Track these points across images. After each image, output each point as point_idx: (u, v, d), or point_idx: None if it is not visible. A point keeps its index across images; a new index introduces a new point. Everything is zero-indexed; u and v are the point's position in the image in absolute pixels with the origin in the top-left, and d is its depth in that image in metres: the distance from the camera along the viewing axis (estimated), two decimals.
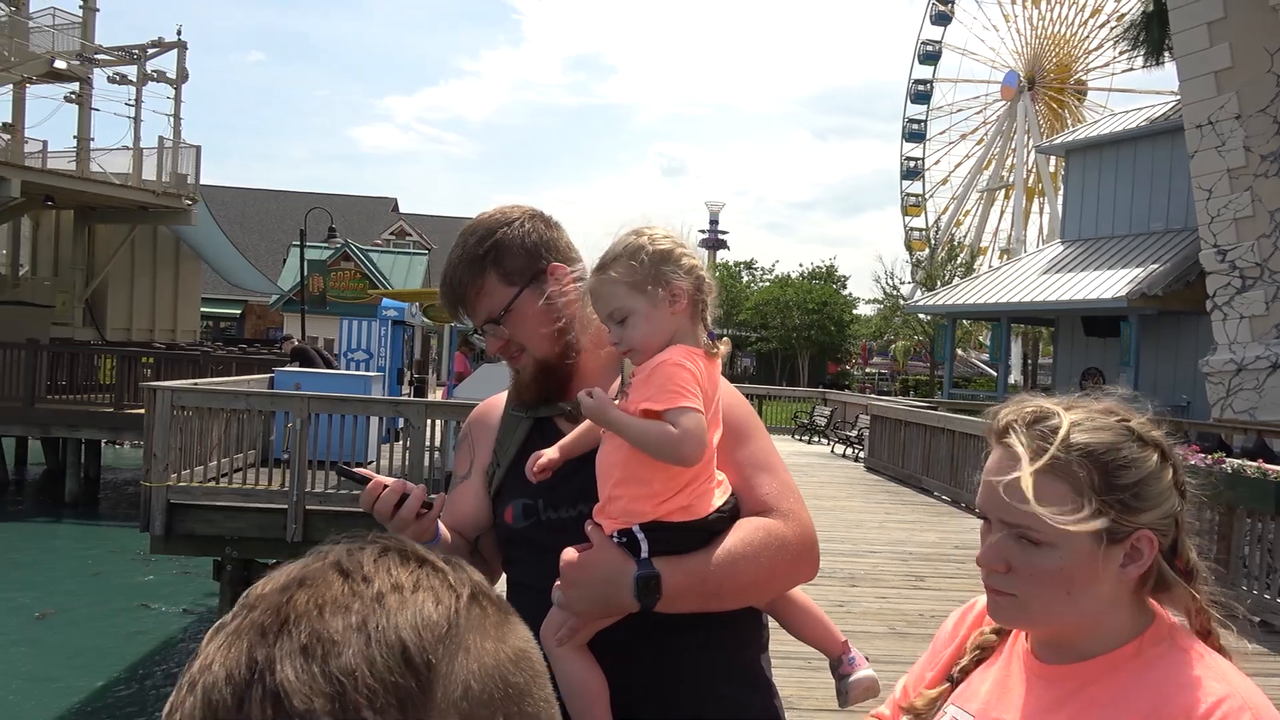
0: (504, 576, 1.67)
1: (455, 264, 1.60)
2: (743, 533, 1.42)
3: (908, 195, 52.06)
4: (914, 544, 9.18)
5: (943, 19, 48.59)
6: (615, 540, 1.38)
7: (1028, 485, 0.99)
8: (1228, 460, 7.34)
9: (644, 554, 1.37)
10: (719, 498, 1.43)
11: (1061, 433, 1.01)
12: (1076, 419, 1.03)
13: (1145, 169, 23.08)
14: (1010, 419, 1.05)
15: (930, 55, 49.39)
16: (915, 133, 50.90)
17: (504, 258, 1.58)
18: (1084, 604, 1.02)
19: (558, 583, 1.42)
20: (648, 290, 1.41)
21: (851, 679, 1.64)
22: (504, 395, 1.73)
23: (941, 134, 51.58)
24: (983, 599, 1.19)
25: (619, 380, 1.52)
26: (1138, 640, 1.04)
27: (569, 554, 1.40)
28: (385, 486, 1.48)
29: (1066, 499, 0.99)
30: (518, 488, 1.57)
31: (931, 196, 52.18)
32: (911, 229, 52.16)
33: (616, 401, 1.42)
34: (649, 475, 1.38)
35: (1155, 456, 1.03)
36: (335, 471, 1.51)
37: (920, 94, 50.34)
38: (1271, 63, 15.54)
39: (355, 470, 1.56)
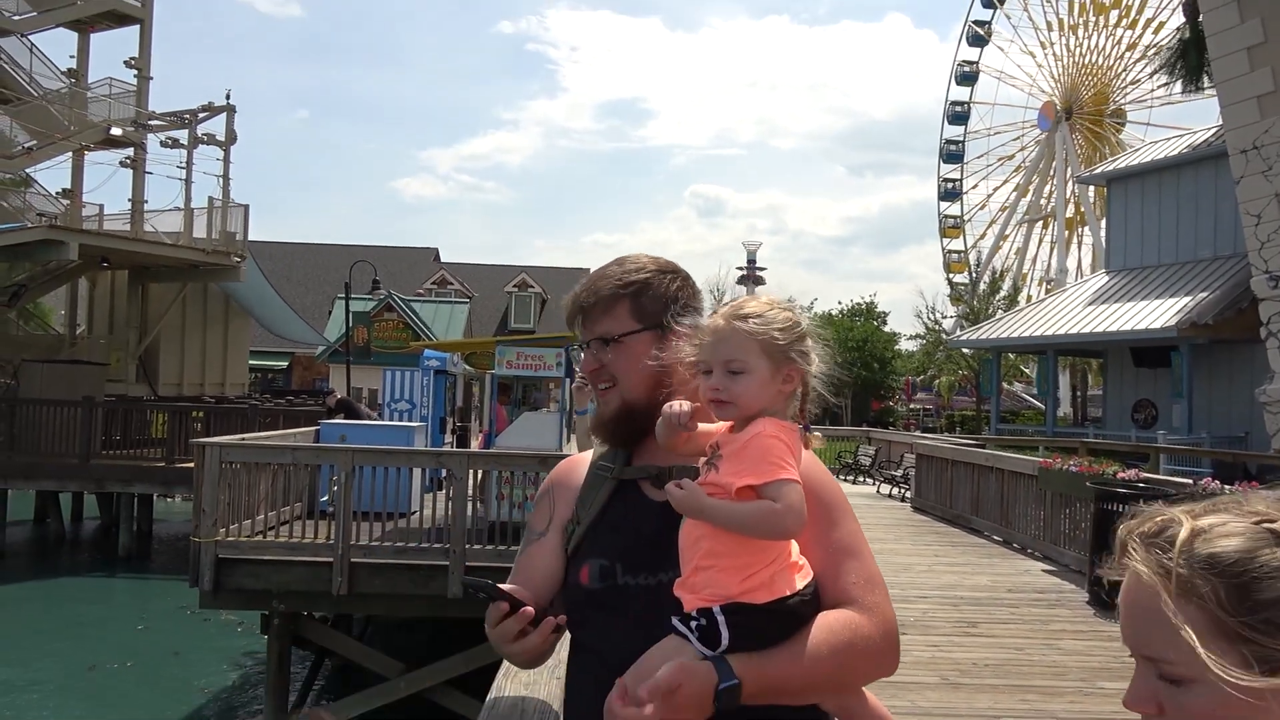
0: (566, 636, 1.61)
1: (598, 279, 1.63)
2: (827, 629, 1.36)
3: (946, 217, 51.73)
4: (965, 588, 8.96)
5: (979, 40, 48.52)
6: (694, 620, 1.32)
7: (1145, 612, 0.86)
8: None
9: (724, 644, 1.31)
10: (800, 580, 1.37)
11: (1179, 542, 0.86)
12: (1203, 525, 0.87)
13: (1189, 196, 22.70)
14: (1126, 534, 0.92)
15: (967, 76, 49.29)
16: (953, 154, 50.73)
17: (644, 297, 1.61)
18: None
19: (626, 684, 1.32)
20: (774, 359, 1.42)
21: None
22: (589, 453, 1.73)
23: (980, 157, 51.35)
24: None
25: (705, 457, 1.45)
26: None
27: (651, 682, 1.28)
28: (506, 612, 1.41)
29: (1196, 623, 0.83)
30: (596, 548, 1.55)
31: (970, 220, 51.84)
32: (950, 251, 51.74)
33: (704, 471, 1.40)
34: (737, 548, 1.34)
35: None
36: (467, 586, 1.45)
37: (958, 114, 50.18)
38: None
39: (487, 585, 1.42)
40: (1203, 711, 0.83)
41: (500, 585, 1.44)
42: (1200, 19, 17.92)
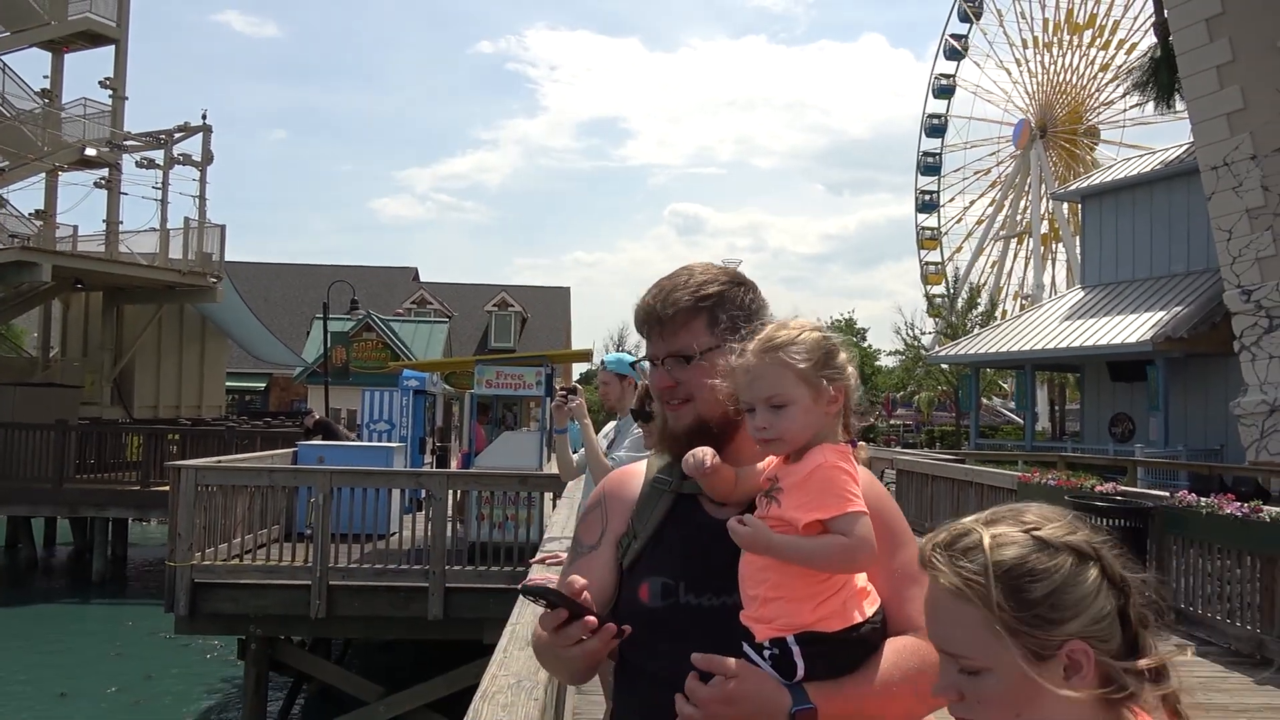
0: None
1: (672, 290, 1.57)
2: (896, 656, 1.35)
3: (923, 229, 52.25)
4: None
5: (956, 54, 49.17)
6: (767, 650, 1.31)
7: (948, 613, 1.00)
8: (1265, 509, 7.15)
9: (799, 674, 1.29)
10: (869, 606, 1.36)
11: (970, 551, 1.00)
12: (987, 536, 1.00)
13: (1163, 212, 23.02)
14: (928, 546, 1.04)
15: (944, 89, 49.93)
16: (930, 166, 51.31)
17: (721, 311, 1.57)
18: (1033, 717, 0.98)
19: (691, 709, 1.30)
20: (813, 384, 1.39)
21: None
22: (643, 465, 1.67)
23: (956, 170, 51.98)
24: None
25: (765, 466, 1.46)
26: None
27: (713, 690, 1.28)
28: (565, 619, 1.35)
29: (979, 623, 0.97)
30: (657, 564, 1.49)
31: (947, 233, 52.40)
32: (927, 263, 52.20)
33: (764, 504, 1.38)
34: (807, 578, 1.32)
35: (1069, 562, 0.98)
36: (527, 593, 1.39)
37: (935, 127, 50.79)
38: None
39: (550, 590, 1.36)
40: (994, 696, 0.97)
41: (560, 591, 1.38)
42: (1171, 38, 18.25)
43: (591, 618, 1.33)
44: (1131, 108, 38.53)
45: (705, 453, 1.44)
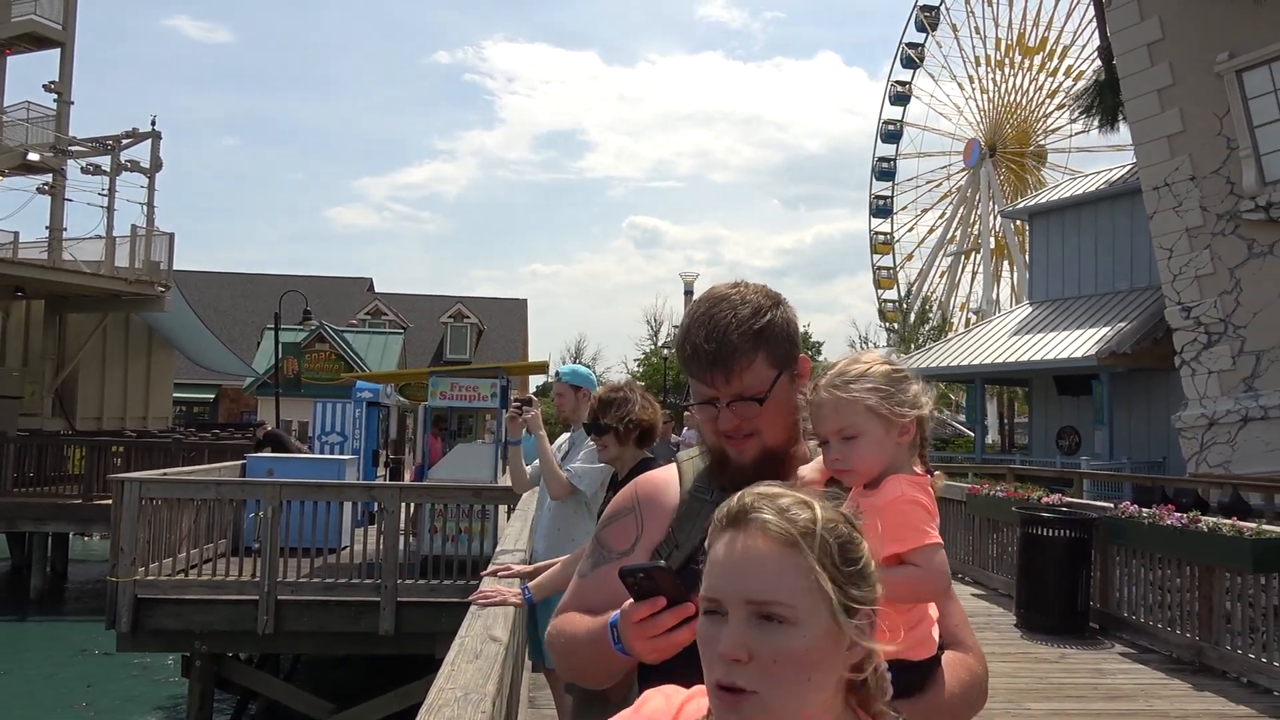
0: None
1: (725, 330, 1.53)
2: (952, 671, 1.42)
3: (877, 234, 53.15)
4: None
5: (901, 99, 50.37)
6: None
7: (774, 559, 1.00)
8: (1203, 519, 7.34)
9: (889, 695, 1.33)
10: (936, 633, 1.41)
11: (817, 510, 1.04)
12: (815, 502, 1.06)
13: (1107, 230, 23.63)
14: (753, 502, 1.05)
15: (892, 134, 51.07)
16: (885, 171, 52.28)
17: (773, 340, 1.55)
18: (819, 696, 1.00)
19: None
20: (885, 417, 1.43)
21: None
22: (673, 472, 1.66)
23: (904, 209, 53.03)
24: (699, 701, 1.09)
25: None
26: None
27: None
28: (663, 606, 1.31)
29: (804, 573, 1.00)
30: (702, 579, 1.47)
31: (900, 240, 53.36)
32: (880, 268, 53.10)
33: None
34: (895, 617, 1.31)
35: (865, 544, 1.06)
36: (630, 572, 1.32)
37: (885, 171, 51.87)
38: (1220, 126, 16.09)
39: (660, 567, 1.34)
40: (795, 652, 0.98)
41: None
42: (1114, 62, 18.78)
43: (690, 605, 1.29)
44: (1077, 134, 39.68)
45: None
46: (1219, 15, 15.93)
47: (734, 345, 1.52)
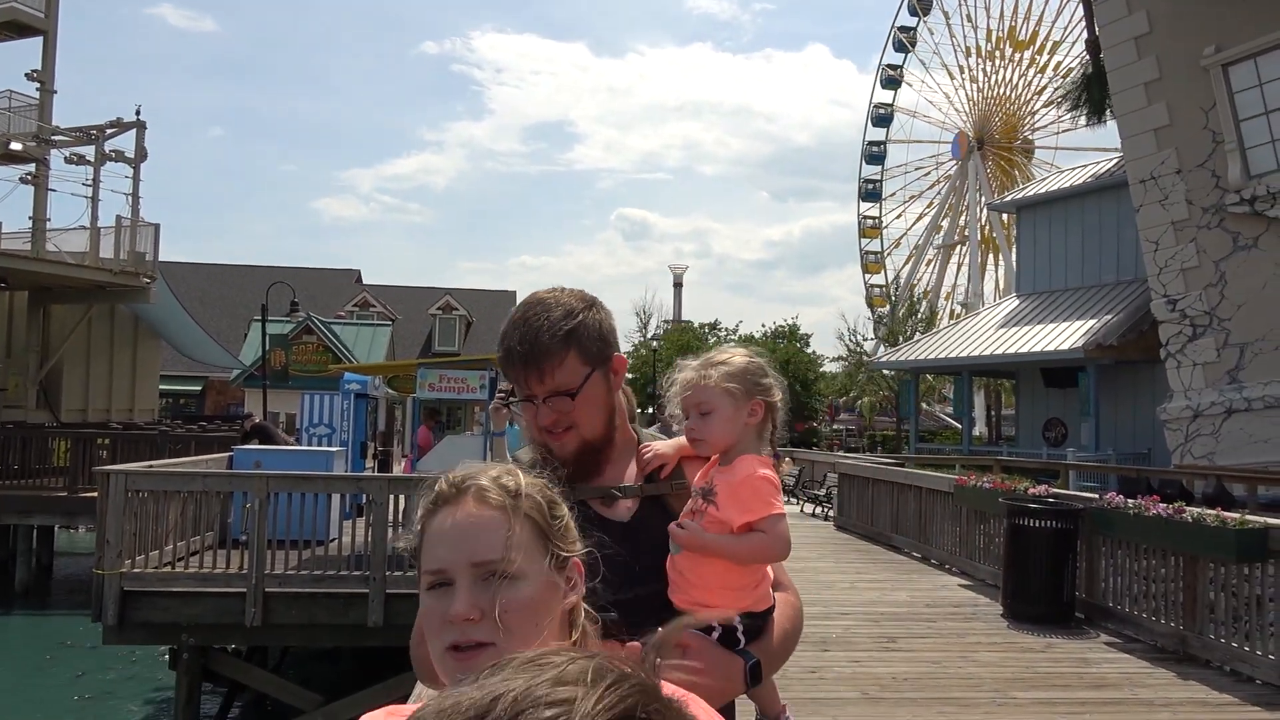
0: None
1: (537, 332, 1.63)
2: (782, 611, 1.67)
3: (866, 218, 53.20)
4: (885, 604, 9.11)
5: (892, 83, 50.36)
6: (714, 630, 1.55)
7: (495, 521, 1.09)
8: (1188, 510, 7.40)
9: (742, 644, 1.57)
10: (770, 584, 1.67)
11: (522, 477, 1.15)
12: (515, 469, 1.17)
13: (1094, 223, 23.73)
14: (464, 477, 1.14)
15: (882, 118, 51.05)
16: (875, 155, 52.34)
17: (584, 338, 1.65)
18: (547, 639, 1.08)
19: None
20: (735, 396, 1.66)
21: None
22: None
23: (893, 195, 53.09)
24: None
25: (633, 465, 1.73)
26: None
27: (684, 664, 1.48)
28: None
29: (524, 531, 1.10)
30: None
31: (888, 226, 53.44)
32: (868, 252, 53.16)
33: (699, 504, 1.61)
34: (744, 577, 1.60)
35: (565, 503, 1.19)
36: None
37: (875, 155, 51.90)
38: (1206, 120, 16.15)
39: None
40: (524, 602, 1.07)
41: None
42: (1102, 55, 18.83)
43: None
44: (1064, 131, 39.75)
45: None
46: (1206, 9, 15.98)
47: (544, 346, 1.62)
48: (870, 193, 52.50)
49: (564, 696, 0.62)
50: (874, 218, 52.99)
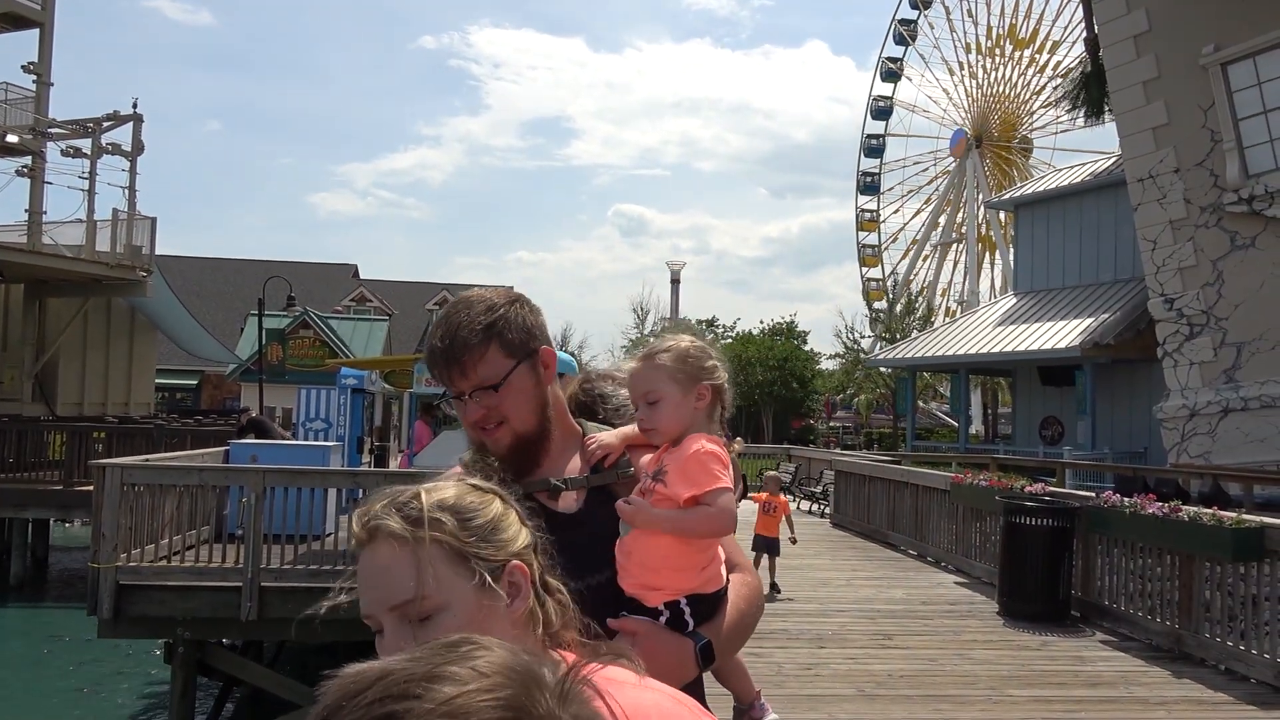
0: None
1: (457, 328, 1.64)
2: (737, 591, 1.67)
3: (864, 211, 53.18)
4: (881, 601, 9.11)
5: (892, 76, 50.23)
6: (661, 614, 1.57)
7: (396, 561, 1.03)
8: (1184, 509, 7.41)
9: (690, 627, 1.57)
10: (722, 569, 1.65)
11: (424, 498, 1.09)
12: (428, 489, 1.12)
13: (1092, 222, 23.74)
14: (369, 515, 1.08)
15: (882, 111, 50.93)
16: (869, 185, 52.28)
17: (506, 331, 1.65)
18: None
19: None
20: (681, 383, 1.67)
21: None
22: (457, 465, 1.73)
23: (891, 190, 52.98)
24: None
25: (578, 458, 1.72)
26: None
27: (638, 644, 1.49)
28: None
29: (434, 559, 1.04)
30: None
31: (886, 249, 53.38)
32: (865, 245, 53.11)
33: (650, 485, 1.61)
34: (691, 556, 1.59)
35: (497, 501, 1.14)
36: None
37: (873, 148, 51.78)
38: (1205, 118, 16.15)
39: None
40: (454, 627, 0.99)
41: None
42: (1101, 54, 18.82)
43: None
44: (1062, 132, 39.77)
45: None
46: (1205, 8, 15.98)
47: (464, 340, 1.63)
48: (868, 186, 52.44)
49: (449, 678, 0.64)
50: (872, 211, 52.94)
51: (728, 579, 1.65)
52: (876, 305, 50.90)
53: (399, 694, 0.65)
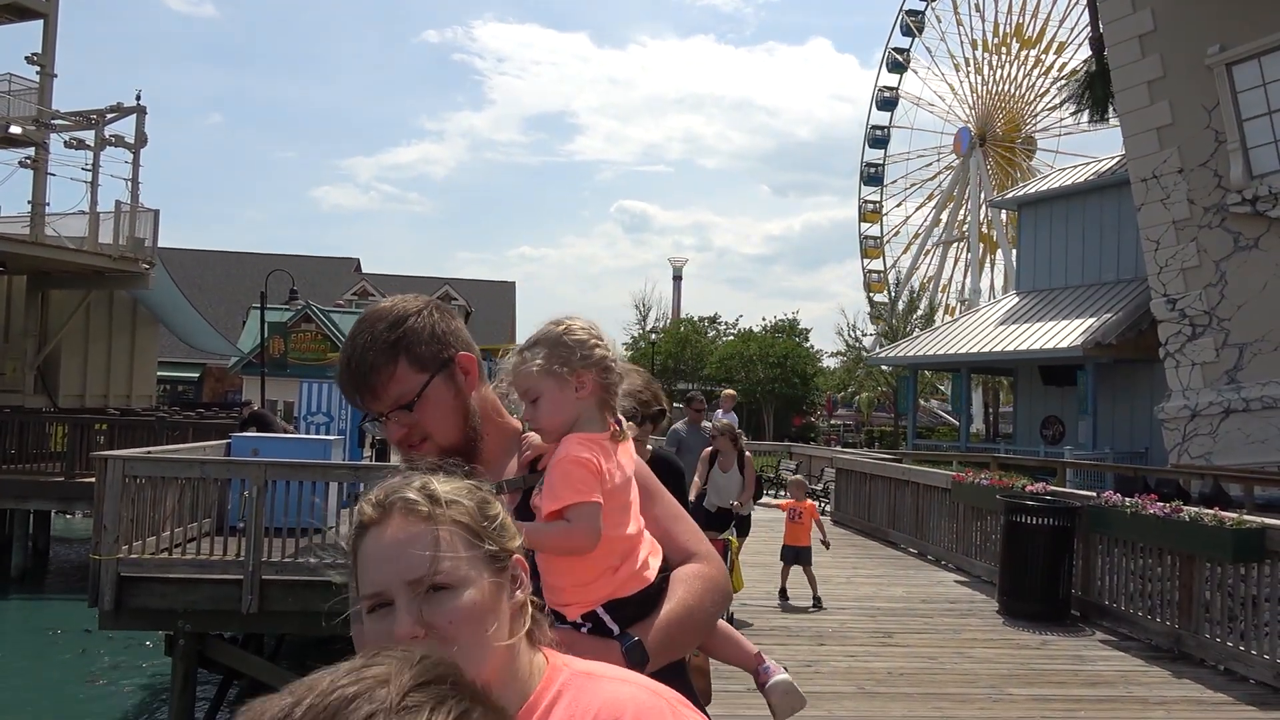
0: None
1: (363, 349, 1.57)
2: (686, 583, 1.57)
3: (866, 202, 53.12)
4: (882, 599, 9.12)
5: (898, 67, 50.10)
6: (583, 626, 1.49)
7: (423, 534, 1.05)
8: (1185, 509, 7.41)
9: (615, 631, 1.48)
10: (655, 562, 1.55)
11: (445, 483, 1.10)
12: (444, 474, 1.14)
13: (1095, 221, 23.71)
14: (387, 495, 1.09)
15: (887, 102, 50.81)
16: (873, 176, 52.22)
17: (414, 345, 1.57)
18: (499, 643, 1.06)
19: None
20: (557, 375, 1.52)
21: (768, 686, 1.83)
22: None
23: (894, 183, 52.93)
24: None
25: (514, 461, 1.64)
26: (544, 680, 1.09)
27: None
28: None
29: (454, 539, 1.06)
30: None
31: (888, 242, 53.35)
32: (867, 237, 53.03)
33: (537, 493, 1.52)
34: (593, 569, 1.48)
35: (497, 500, 1.15)
36: None
37: (878, 139, 51.69)
38: (1209, 119, 16.13)
39: None
40: (468, 611, 1.03)
41: None
42: (1106, 53, 18.78)
43: None
44: (1065, 135, 39.68)
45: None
46: (1210, 8, 15.95)
47: (369, 363, 1.55)
48: (872, 177, 52.33)
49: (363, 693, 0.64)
50: (875, 202, 52.85)
51: (668, 573, 1.56)
52: (877, 298, 50.90)
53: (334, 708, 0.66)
